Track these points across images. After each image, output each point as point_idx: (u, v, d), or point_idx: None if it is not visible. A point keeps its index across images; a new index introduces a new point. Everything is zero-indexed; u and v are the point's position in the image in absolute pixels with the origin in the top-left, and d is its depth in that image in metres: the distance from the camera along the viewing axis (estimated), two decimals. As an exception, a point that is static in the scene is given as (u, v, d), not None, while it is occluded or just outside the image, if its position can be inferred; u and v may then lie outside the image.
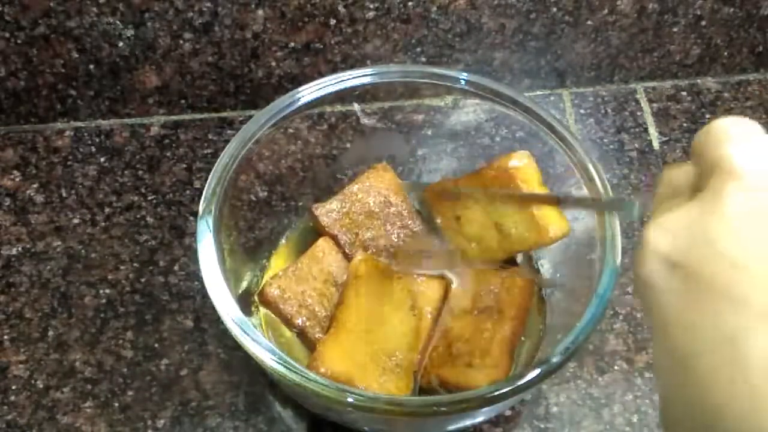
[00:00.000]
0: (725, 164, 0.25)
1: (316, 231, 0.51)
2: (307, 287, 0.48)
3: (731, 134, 0.26)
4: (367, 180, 0.52)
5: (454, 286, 0.48)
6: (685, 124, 0.63)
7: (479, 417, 0.46)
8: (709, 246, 0.23)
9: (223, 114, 0.62)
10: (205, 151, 0.60)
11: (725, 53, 0.64)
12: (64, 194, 0.58)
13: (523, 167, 0.47)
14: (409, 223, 0.51)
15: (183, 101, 0.61)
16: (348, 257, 0.50)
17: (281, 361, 0.39)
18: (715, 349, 0.22)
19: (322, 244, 0.49)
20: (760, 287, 0.22)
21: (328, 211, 0.51)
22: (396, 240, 0.51)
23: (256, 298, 0.49)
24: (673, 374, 0.23)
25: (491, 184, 0.48)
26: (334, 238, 0.50)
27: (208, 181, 0.45)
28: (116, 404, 0.49)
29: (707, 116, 0.63)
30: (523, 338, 0.48)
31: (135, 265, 0.55)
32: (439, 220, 0.51)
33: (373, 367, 0.44)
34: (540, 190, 0.47)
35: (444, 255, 0.50)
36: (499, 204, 0.46)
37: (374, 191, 0.52)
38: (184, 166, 0.60)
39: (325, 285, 0.48)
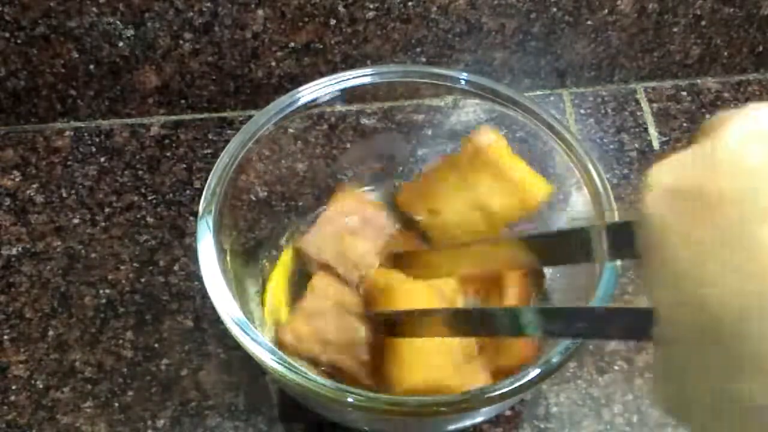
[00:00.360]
0: (720, 116, 0.25)
1: (307, 269, 0.50)
2: (322, 323, 0.46)
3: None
4: (336, 204, 0.50)
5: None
6: (685, 124, 0.63)
7: (479, 417, 0.46)
8: (712, 167, 0.23)
9: (223, 114, 0.62)
10: (205, 151, 0.60)
11: (725, 53, 0.64)
12: (64, 194, 0.58)
13: (493, 143, 0.46)
14: (393, 231, 0.50)
15: (183, 101, 0.61)
16: (345, 281, 0.48)
17: (281, 361, 0.39)
18: (723, 250, 0.22)
19: (317, 281, 0.47)
20: (763, 192, 0.22)
21: (312, 242, 0.49)
22: (386, 248, 0.50)
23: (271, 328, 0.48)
24: (675, 294, 0.23)
25: (465, 167, 0.47)
26: (326, 266, 0.48)
27: (208, 181, 0.45)
28: (116, 404, 0.49)
29: (707, 116, 0.63)
30: (523, 338, 0.48)
31: (135, 265, 0.55)
32: (419, 218, 0.50)
33: (450, 366, 0.43)
34: (512, 159, 0.46)
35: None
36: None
37: (347, 211, 0.50)
38: (184, 166, 0.60)
39: (340, 315, 0.46)
